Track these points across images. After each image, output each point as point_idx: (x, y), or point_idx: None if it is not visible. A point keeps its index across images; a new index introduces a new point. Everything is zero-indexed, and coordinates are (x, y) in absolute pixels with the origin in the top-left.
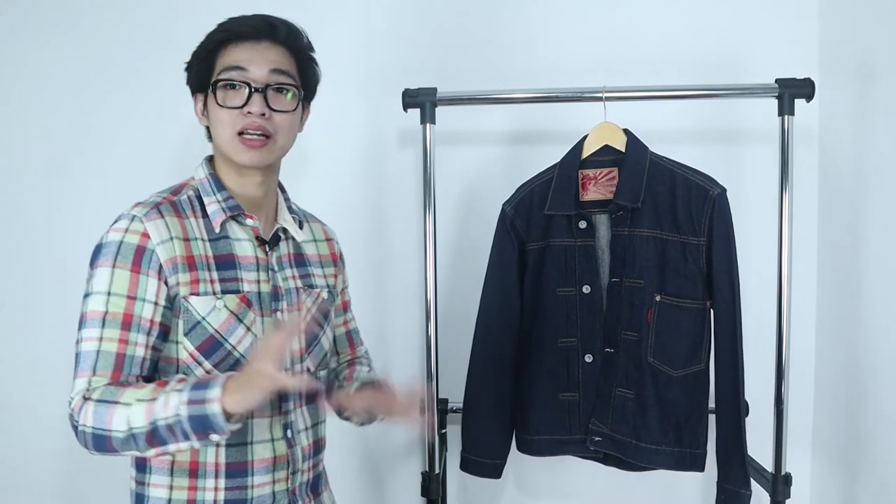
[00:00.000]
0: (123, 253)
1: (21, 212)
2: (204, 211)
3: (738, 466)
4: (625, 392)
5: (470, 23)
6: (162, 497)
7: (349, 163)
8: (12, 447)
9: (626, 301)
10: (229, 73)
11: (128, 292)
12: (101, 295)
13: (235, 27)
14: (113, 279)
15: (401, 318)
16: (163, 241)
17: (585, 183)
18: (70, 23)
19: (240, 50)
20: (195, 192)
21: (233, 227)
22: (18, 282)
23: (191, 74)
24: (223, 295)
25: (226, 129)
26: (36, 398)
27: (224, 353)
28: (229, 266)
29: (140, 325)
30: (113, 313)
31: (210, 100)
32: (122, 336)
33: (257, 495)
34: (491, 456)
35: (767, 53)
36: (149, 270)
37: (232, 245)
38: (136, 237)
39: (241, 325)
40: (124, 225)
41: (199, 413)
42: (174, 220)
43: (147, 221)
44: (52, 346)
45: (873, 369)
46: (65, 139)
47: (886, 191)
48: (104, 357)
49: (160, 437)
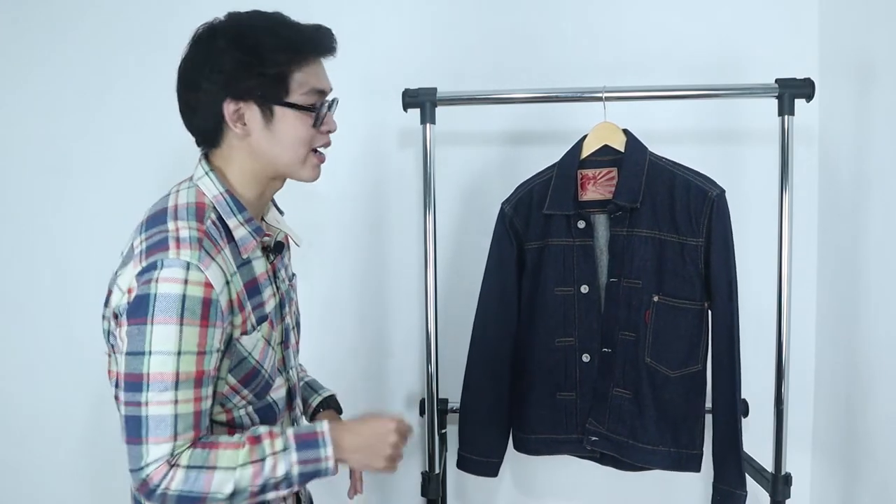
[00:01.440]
0: (190, 309)
1: (21, 212)
2: (230, 235)
3: (733, 467)
4: (622, 392)
5: (470, 23)
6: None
7: (349, 163)
8: (13, 447)
9: (624, 301)
10: (318, 97)
11: (198, 348)
12: (170, 356)
13: (319, 40)
14: (182, 338)
15: (401, 318)
16: (221, 289)
17: (584, 183)
18: (70, 23)
19: (317, 68)
20: (216, 213)
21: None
22: (20, 284)
23: (255, 83)
24: (259, 326)
25: (302, 148)
26: (36, 398)
27: (260, 379)
28: (255, 293)
29: (209, 376)
30: (185, 373)
31: (286, 117)
32: (196, 395)
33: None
34: (488, 455)
35: (767, 53)
36: (216, 322)
37: (252, 269)
38: (199, 290)
39: (269, 348)
40: (181, 275)
41: (313, 470)
42: (219, 258)
43: (205, 269)
44: (53, 346)
45: (873, 369)
46: (65, 139)
47: (886, 191)
48: (183, 420)
49: (266, 491)
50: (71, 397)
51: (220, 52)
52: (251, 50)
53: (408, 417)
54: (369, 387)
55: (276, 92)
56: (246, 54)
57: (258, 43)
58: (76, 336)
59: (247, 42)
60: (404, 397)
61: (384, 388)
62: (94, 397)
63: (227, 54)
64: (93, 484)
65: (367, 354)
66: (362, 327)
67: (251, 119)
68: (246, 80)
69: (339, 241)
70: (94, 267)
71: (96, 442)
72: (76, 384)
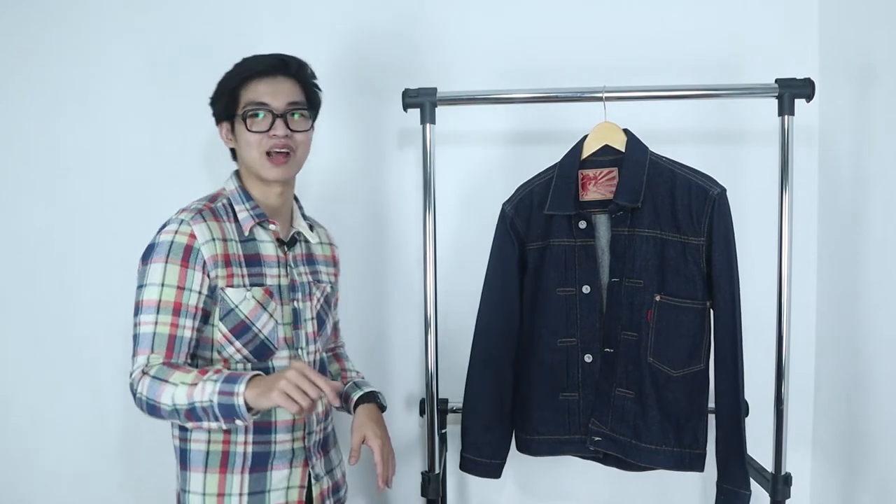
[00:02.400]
0: (175, 251)
1: (22, 212)
2: (236, 217)
3: (737, 466)
4: (624, 392)
5: (470, 23)
6: (202, 450)
7: (349, 163)
8: (13, 448)
9: (626, 301)
10: (254, 107)
11: (178, 283)
12: (156, 286)
13: (255, 66)
14: (166, 273)
15: (401, 318)
16: (206, 242)
17: (585, 183)
18: (71, 22)
19: (261, 85)
20: (227, 200)
21: (259, 231)
22: (20, 284)
23: (217, 107)
24: (251, 287)
25: (254, 150)
26: (37, 399)
27: (251, 335)
28: (256, 263)
29: (188, 311)
30: (166, 301)
31: (239, 126)
32: (173, 321)
33: (279, 450)
34: (490, 456)
35: (767, 53)
36: (196, 265)
37: (258, 246)
38: (184, 238)
39: (265, 313)
40: (174, 228)
41: (227, 402)
42: (214, 223)
43: (193, 224)
44: (54, 347)
45: (873, 369)
46: (66, 139)
47: (886, 191)
48: (159, 339)
49: (196, 416)
50: (71, 397)
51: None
52: (219, 83)
53: (408, 417)
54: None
55: (231, 110)
56: (216, 86)
57: (223, 77)
58: (76, 336)
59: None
60: (404, 397)
61: (384, 388)
62: (95, 397)
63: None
64: (98, 484)
65: (367, 354)
66: (362, 327)
67: (229, 135)
68: (216, 106)
69: (339, 241)
70: (94, 266)
71: (96, 441)
72: (76, 384)
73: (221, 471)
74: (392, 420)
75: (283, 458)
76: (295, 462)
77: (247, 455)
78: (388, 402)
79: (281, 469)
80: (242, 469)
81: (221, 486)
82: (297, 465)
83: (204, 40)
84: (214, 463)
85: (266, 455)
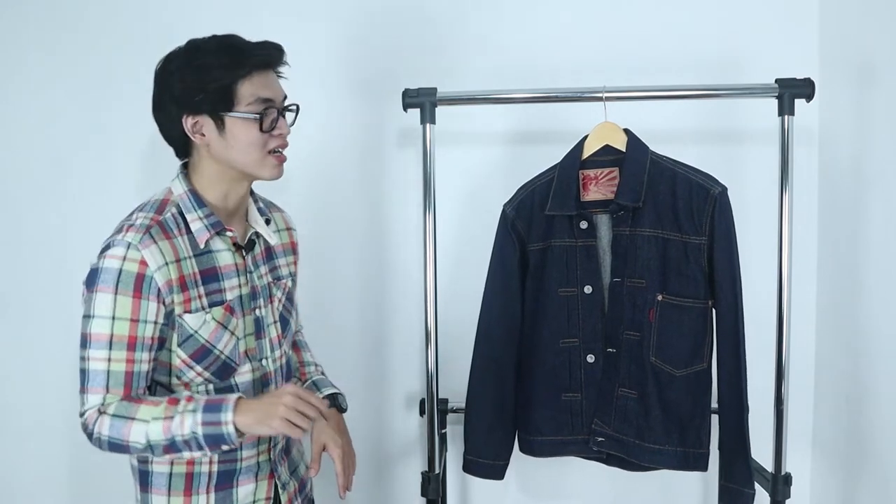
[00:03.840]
0: (124, 280)
1: (23, 213)
2: (188, 227)
3: (741, 466)
4: (627, 392)
5: (470, 23)
6: (164, 472)
7: (349, 163)
8: (14, 448)
9: (628, 301)
10: (264, 105)
11: (131, 316)
12: (105, 319)
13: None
14: (116, 305)
15: (401, 318)
16: (159, 268)
17: (586, 183)
18: (71, 22)
19: (263, 78)
20: (177, 208)
21: (214, 240)
22: (21, 284)
23: (196, 98)
24: (210, 309)
25: (256, 150)
26: (39, 400)
27: (213, 358)
28: (213, 279)
29: (143, 343)
30: (119, 336)
31: (238, 125)
32: (128, 356)
33: (245, 465)
34: (494, 457)
35: (767, 53)
36: (149, 295)
37: (214, 258)
38: (134, 265)
39: (226, 332)
40: (121, 253)
41: (215, 433)
42: (165, 243)
43: (143, 249)
44: (55, 347)
45: (873, 369)
46: (66, 140)
47: (886, 191)
48: (114, 376)
49: (177, 448)
50: (71, 397)
51: (171, 76)
52: (196, 70)
53: (408, 417)
54: (369, 387)
55: (224, 104)
56: (192, 75)
57: (203, 64)
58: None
59: (193, 64)
60: (404, 397)
61: (384, 388)
62: None
63: (177, 77)
64: (96, 485)
65: (367, 354)
66: (362, 327)
67: (208, 130)
68: (194, 97)
69: (339, 241)
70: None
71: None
72: (76, 383)
73: (186, 493)
74: (392, 420)
75: (248, 473)
76: (261, 475)
77: (212, 474)
78: (388, 402)
79: (246, 484)
80: (208, 489)
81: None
82: (263, 477)
83: None
84: (178, 485)
85: (231, 472)
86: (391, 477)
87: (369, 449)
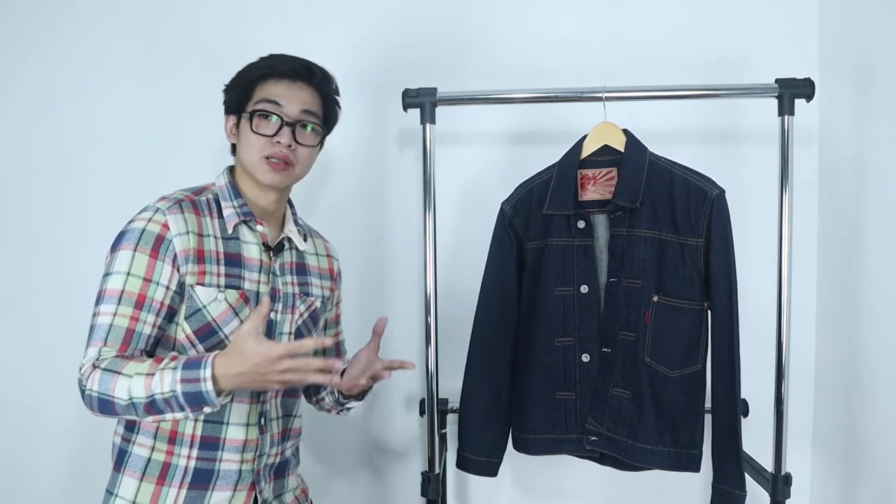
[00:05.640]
0: (145, 239)
1: (23, 213)
2: (220, 213)
3: (733, 467)
4: (621, 392)
5: (470, 23)
6: (143, 456)
7: (349, 163)
8: (15, 449)
9: (624, 301)
10: (265, 105)
11: (144, 275)
12: (121, 275)
13: (277, 65)
14: (133, 262)
15: (401, 318)
16: (179, 234)
17: (584, 183)
18: (71, 22)
19: (278, 86)
20: (214, 196)
21: (244, 231)
22: (21, 284)
23: (230, 97)
24: (225, 289)
25: (254, 152)
26: (39, 400)
27: (217, 340)
28: (236, 264)
29: (151, 305)
30: (129, 292)
31: (244, 123)
32: (133, 314)
33: (224, 469)
34: (487, 454)
35: (767, 53)
36: (165, 257)
37: (241, 246)
38: (157, 227)
39: (236, 318)
40: (148, 215)
41: (194, 390)
42: (192, 216)
43: (169, 214)
44: (55, 347)
45: (873, 369)
46: (66, 140)
47: (886, 191)
48: (115, 331)
49: (157, 408)
50: (71, 397)
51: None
52: (237, 73)
53: (408, 417)
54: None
55: (241, 104)
56: (234, 76)
57: (243, 68)
58: (76, 336)
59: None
60: (404, 397)
61: (384, 388)
62: None
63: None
64: (96, 485)
65: None
66: (362, 327)
67: (236, 130)
68: (229, 96)
69: (339, 241)
70: (94, 266)
71: (97, 441)
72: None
73: (159, 482)
74: (392, 420)
75: (227, 479)
76: (240, 485)
77: (188, 469)
78: (388, 402)
79: (223, 490)
80: (181, 484)
81: (155, 498)
82: (242, 488)
83: (206, 40)
84: (153, 472)
85: (209, 473)
86: (391, 477)
87: (369, 449)
